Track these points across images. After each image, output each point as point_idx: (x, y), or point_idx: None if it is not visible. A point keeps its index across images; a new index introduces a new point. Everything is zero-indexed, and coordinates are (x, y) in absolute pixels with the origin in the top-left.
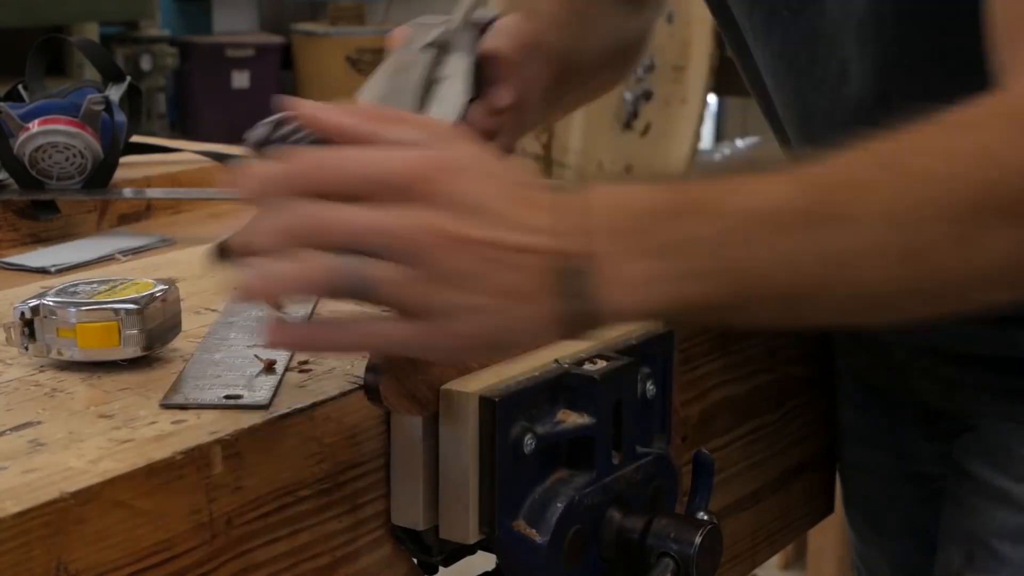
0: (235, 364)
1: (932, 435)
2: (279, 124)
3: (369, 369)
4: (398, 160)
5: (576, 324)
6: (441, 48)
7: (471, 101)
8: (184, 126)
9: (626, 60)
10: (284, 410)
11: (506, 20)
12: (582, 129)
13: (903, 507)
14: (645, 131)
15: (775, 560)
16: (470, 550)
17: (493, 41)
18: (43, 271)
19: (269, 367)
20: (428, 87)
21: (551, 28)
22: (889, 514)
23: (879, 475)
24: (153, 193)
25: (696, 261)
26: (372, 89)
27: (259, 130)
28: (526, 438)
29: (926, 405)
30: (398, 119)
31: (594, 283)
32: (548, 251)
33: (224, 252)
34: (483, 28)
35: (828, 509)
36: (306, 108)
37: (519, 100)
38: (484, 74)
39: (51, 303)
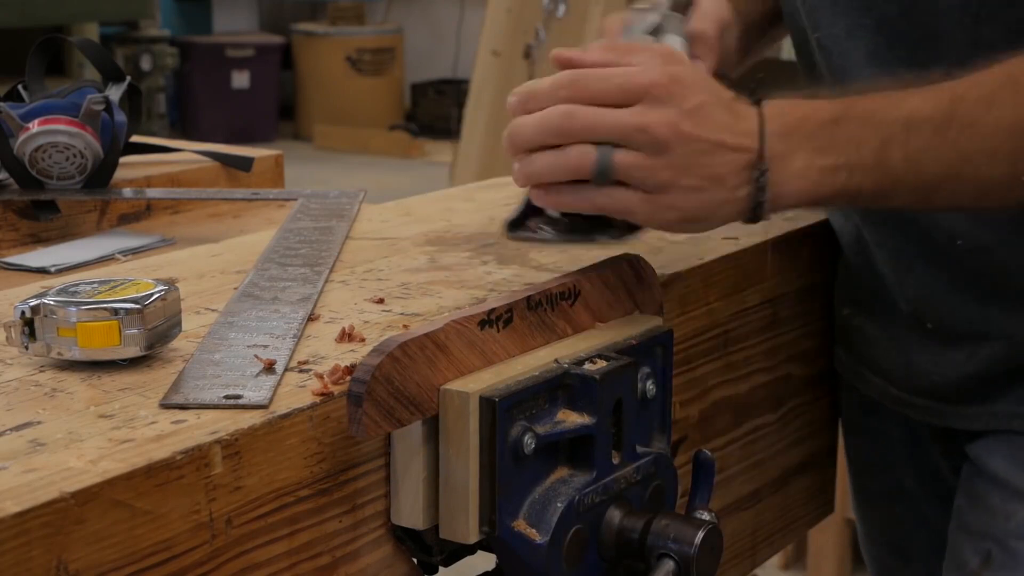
0: (235, 364)
1: (949, 450)
2: (528, 208)
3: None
4: (638, 73)
5: (755, 210)
6: (656, 31)
7: None
8: (184, 126)
9: None
10: (284, 410)
11: (705, 2)
12: None
13: (930, 528)
14: None
15: (775, 560)
16: (470, 550)
17: (699, 24)
18: (43, 271)
19: (269, 367)
20: None
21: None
22: (916, 538)
23: (904, 502)
24: (153, 193)
25: (847, 158)
26: None
27: (513, 214)
28: (526, 438)
29: (941, 416)
30: (634, 49)
31: (771, 177)
32: (748, 150)
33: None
34: (685, 8)
35: (828, 509)
36: (565, 54)
37: (719, 70)
38: (692, 52)
39: (51, 303)
